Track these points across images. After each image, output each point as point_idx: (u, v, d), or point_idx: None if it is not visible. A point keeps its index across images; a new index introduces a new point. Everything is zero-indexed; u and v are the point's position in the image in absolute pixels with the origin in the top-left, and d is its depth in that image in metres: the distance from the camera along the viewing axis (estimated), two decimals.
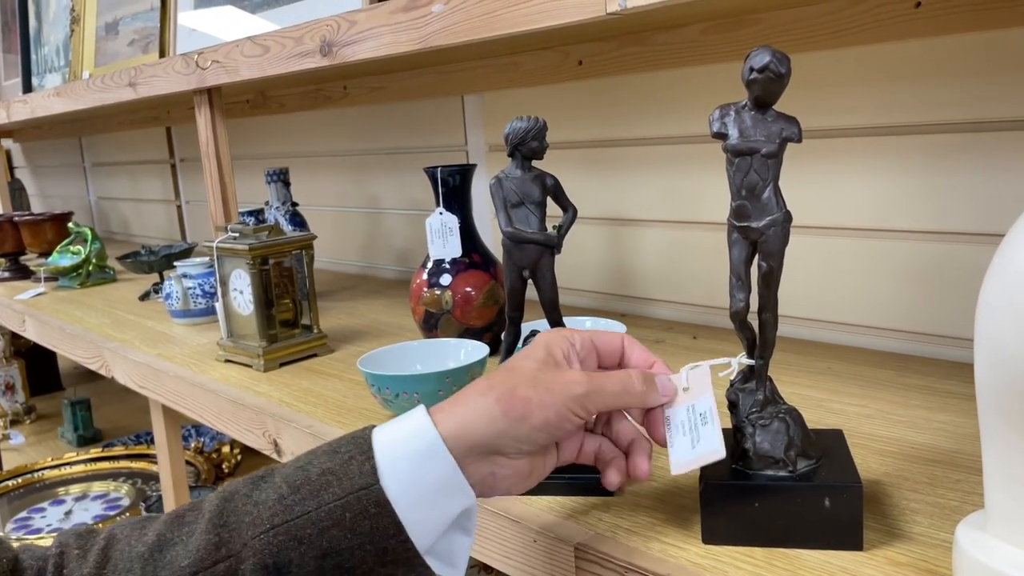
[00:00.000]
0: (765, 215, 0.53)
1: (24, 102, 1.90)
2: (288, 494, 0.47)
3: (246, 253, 1.01)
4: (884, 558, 0.50)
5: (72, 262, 1.77)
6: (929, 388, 0.79)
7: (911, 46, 0.85)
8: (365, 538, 0.46)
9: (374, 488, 0.46)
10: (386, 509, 0.46)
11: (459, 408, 0.50)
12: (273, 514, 0.46)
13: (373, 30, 0.86)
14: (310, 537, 0.46)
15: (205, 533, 0.47)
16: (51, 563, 0.48)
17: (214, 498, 0.49)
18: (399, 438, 0.49)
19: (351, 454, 0.48)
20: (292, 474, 0.48)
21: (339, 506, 0.46)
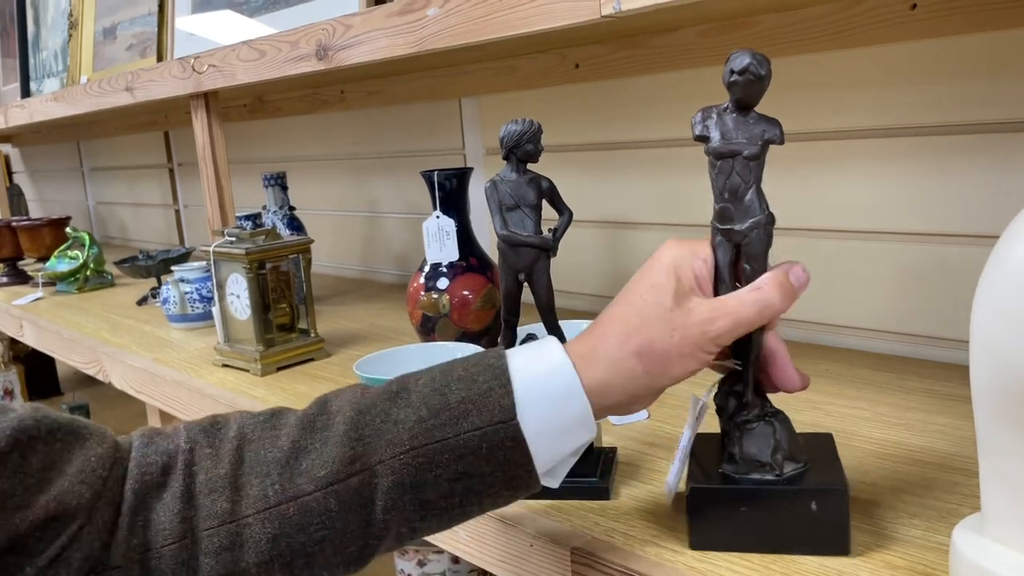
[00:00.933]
0: (748, 217, 0.53)
1: (22, 107, 1.90)
2: (427, 417, 0.48)
3: (243, 257, 1.01)
4: (881, 561, 0.50)
5: (70, 267, 1.77)
6: (928, 391, 0.78)
7: (907, 48, 0.85)
8: (497, 467, 0.48)
9: (512, 424, 0.48)
10: (521, 444, 0.48)
11: (599, 360, 0.50)
12: (413, 436, 0.48)
13: (369, 34, 0.86)
14: (446, 461, 0.47)
15: (340, 445, 0.48)
16: (180, 459, 0.49)
17: (347, 408, 0.50)
18: (538, 375, 0.49)
19: (489, 385, 0.49)
20: (430, 397, 0.49)
21: (477, 435, 0.48)
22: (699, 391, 0.57)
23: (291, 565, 0.48)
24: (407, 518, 0.48)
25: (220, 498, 0.47)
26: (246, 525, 0.47)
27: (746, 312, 0.51)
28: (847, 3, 0.83)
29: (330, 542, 0.48)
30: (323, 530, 0.47)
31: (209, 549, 0.47)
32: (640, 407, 0.53)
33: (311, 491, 0.47)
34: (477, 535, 0.64)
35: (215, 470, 0.48)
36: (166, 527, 0.47)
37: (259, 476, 0.48)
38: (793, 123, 0.95)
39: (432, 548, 1.24)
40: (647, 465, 0.67)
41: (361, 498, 0.47)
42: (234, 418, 0.52)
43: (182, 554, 0.47)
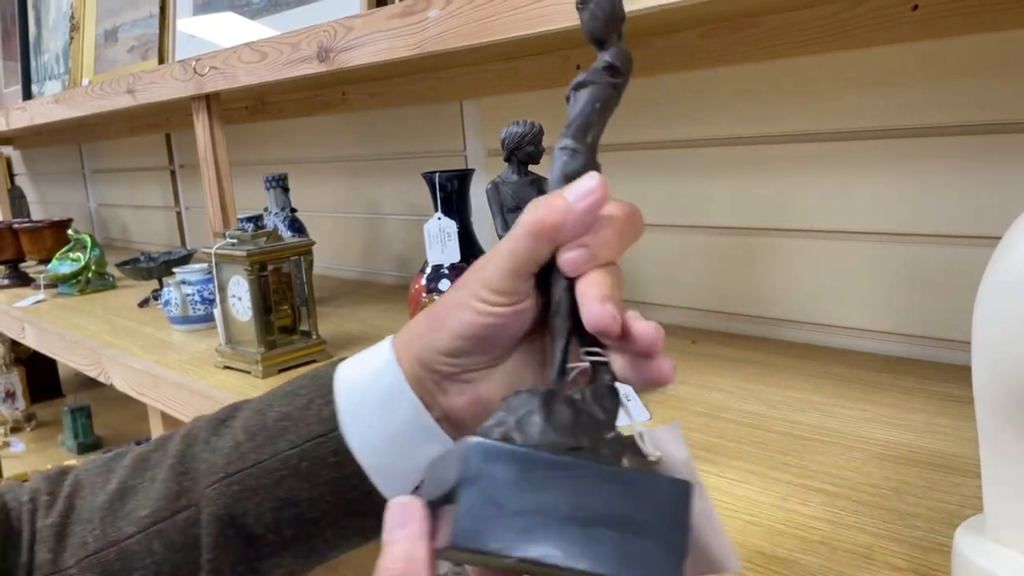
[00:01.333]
0: None
1: (23, 109, 1.90)
2: (244, 441, 0.44)
3: (244, 259, 1.01)
4: (883, 562, 0.50)
5: (71, 269, 1.77)
6: (930, 392, 0.78)
7: (908, 49, 0.85)
8: (326, 488, 0.42)
9: (333, 435, 0.42)
10: (347, 458, 0.42)
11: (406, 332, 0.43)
12: (228, 462, 0.43)
13: (370, 36, 0.86)
14: (265, 487, 0.43)
15: (166, 481, 0.44)
16: (25, 509, 0.47)
17: (178, 439, 0.46)
18: (364, 377, 0.43)
19: (310, 397, 0.43)
20: (250, 419, 0.45)
21: (295, 454, 0.42)
22: None
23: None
24: (240, 556, 0.44)
25: (43, 549, 0.45)
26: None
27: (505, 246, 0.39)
28: (848, 4, 0.83)
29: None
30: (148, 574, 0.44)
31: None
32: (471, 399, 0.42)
33: (132, 533, 0.44)
34: None
35: (45, 519, 0.46)
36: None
37: (82, 522, 0.45)
38: (795, 124, 0.95)
39: None
40: None
41: (187, 537, 0.43)
42: (80, 465, 0.50)
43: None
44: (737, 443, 0.70)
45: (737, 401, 0.80)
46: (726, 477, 0.64)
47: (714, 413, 0.77)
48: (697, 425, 0.74)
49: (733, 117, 1.01)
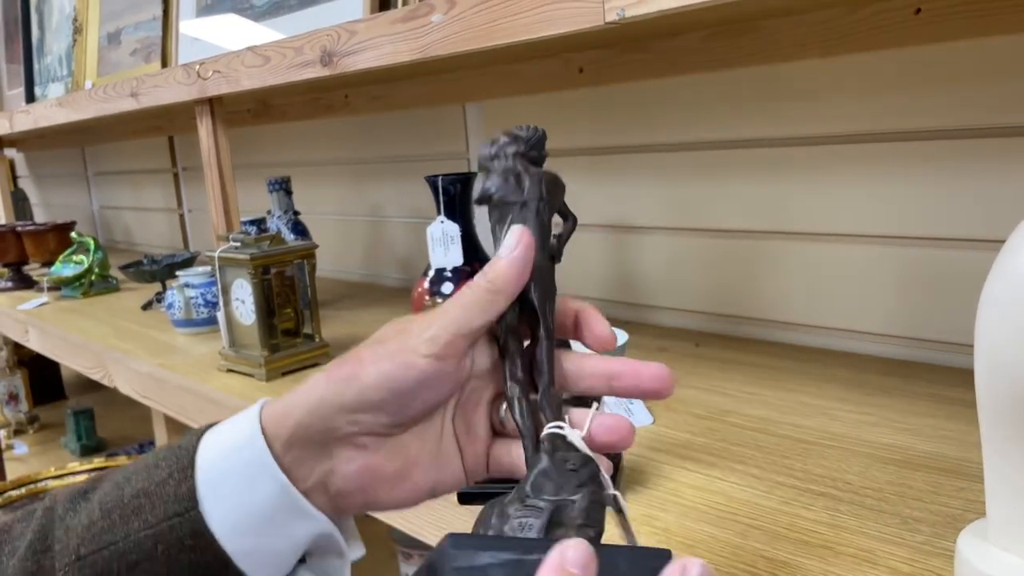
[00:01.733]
0: None
1: (26, 112, 1.91)
2: (98, 519, 0.40)
3: (247, 263, 1.01)
4: (886, 567, 0.50)
5: (75, 272, 1.77)
6: (936, 396, 0.78)
7: (911, 52, 0.85)
8: (184, 574, 0.38)
9: (190, 515, 0.38)
10: (205, 540, 0.38)
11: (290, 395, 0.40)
12: (80, 543, 0.39)
13: (373, 40, 0.86)
14: (116, 571, 0.39)
15: (23, 559, 0.41)
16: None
17: (40, 511, 0.42)
18: (225, 449, 0.40)
19: (170, 471, 0.40)
20: (108, 493, 0.41)
21: (150, 536, 0.38)
22: None
23: None
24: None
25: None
26: None
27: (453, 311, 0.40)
28: (850, 7, 0.83)
29: None
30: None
31: None
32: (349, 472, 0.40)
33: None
34: None
35: None
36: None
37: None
38: (798, 128, 0.96)
39: None
40: (652, 471, 0.67)
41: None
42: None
43: None
44: (740, 446, 0.70)
45: (741, 404, 0.80)
46: (729, 480, 0.64)
47: (717, 416, 0.77)
48: (700, 428, 0.74)
49: (736, 120, 1.01)
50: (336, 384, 0.39)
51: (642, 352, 0.98)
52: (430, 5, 0.79)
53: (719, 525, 0.57)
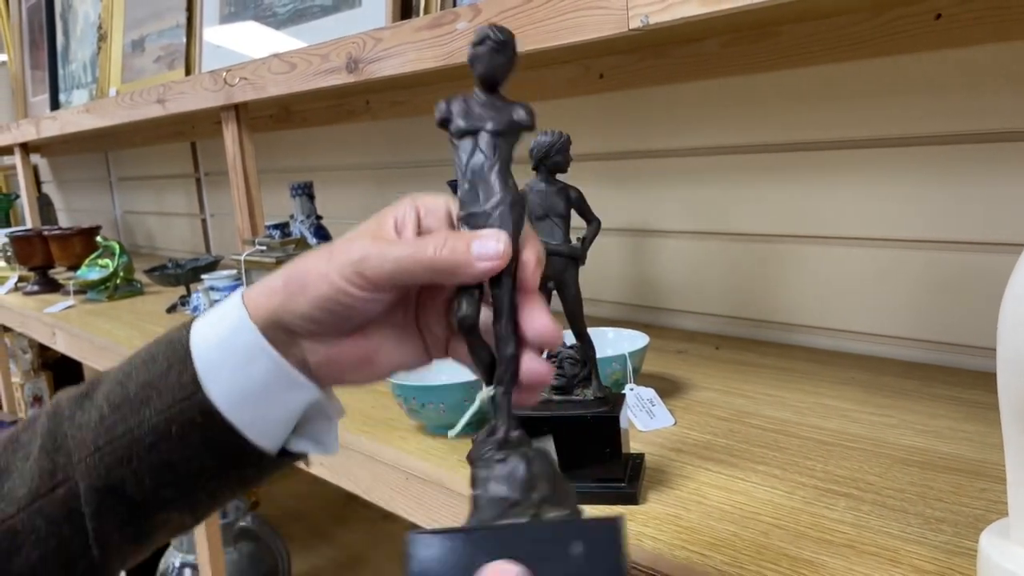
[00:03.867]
0: (491, 197, 0.44)
1: (53, 119, 1.94)
2: (108, 414, 0.45)
3: (273, 266, 1.03)
4: (909, 566, 0.51)
5: (100, 275, 1.80)
6: (956, 398, 0.79)
7: (931, 57, 0.85)
8: (199, 448, 0.44)
9: (196, 397, 0.43)
10: (213, 417, 0.43)
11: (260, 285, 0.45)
12: (96, 436, 0.44)
13: (398, 47, 0.88)
14: (138, 455, 0.44)
15: (38, 460, 0.45)
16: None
17: (44, 416, 0.47)
18: (220, 337, 0.44)
19: (170, 363, 0.44)
20: (112, 391, 0.45)
21: (162, 420, 0.44)
22: None
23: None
24: (125, 520, 0.45)
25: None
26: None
27: (397, 249, 0.42)
28: (871, 13, 0.84)
29: (52, 561, 0.45)
30: (38, 550, 0.44)
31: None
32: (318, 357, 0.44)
33: (13, 513, 0.44)
34: None
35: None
36: None
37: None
38: (818, 132, 0.96)
39: None
40: (675, 471, 0.68)
41: (68, 510, 0.44)
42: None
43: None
44: (761, 448, 0.71)
45: (761, 406, 0.80)
46: (751, 481, 0.64)
47: (738, 418, 0.78)
48: (721, 430, 0.75)
49: (754, 125, 1.02)
50: (287, 296, 0.43)
51: (662, 355, 0.99)
52: (455, 13, 0.80)
53: (742, 524, 0.58)
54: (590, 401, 0.64)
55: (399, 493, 0.77)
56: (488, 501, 0.40)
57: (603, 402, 0.64)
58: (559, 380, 0.65)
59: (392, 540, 1.68)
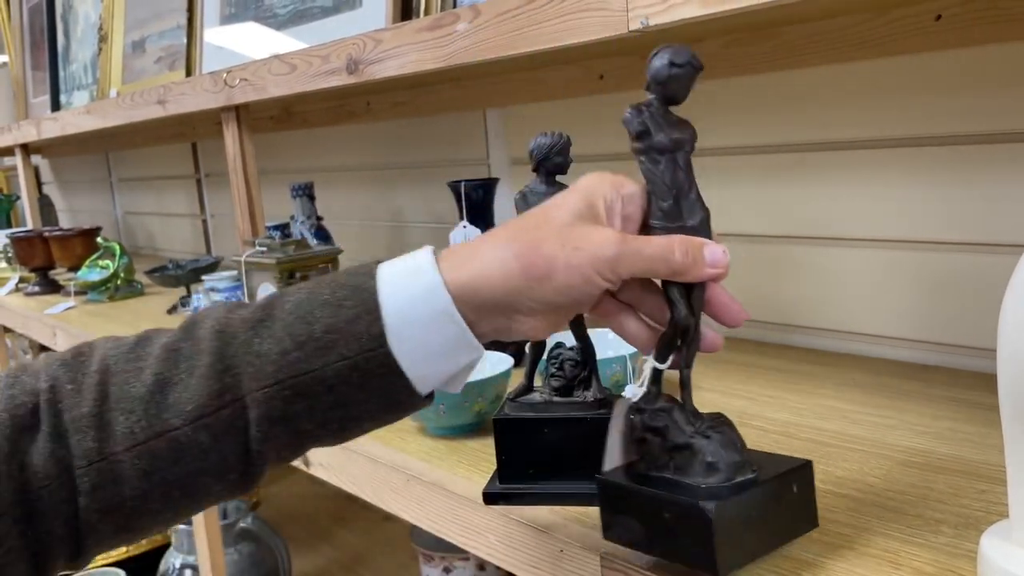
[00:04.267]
0: (696, 214, 0.52)
1: (54, 119, 1.94)
2: (292, 349, 0.46)
3: (274, 267, 1.03)
4: (910, 568, 0.51)
5: (101, 276, 1.80)
6: (956, 399, 0.79)
7: (932, 58, 0.85)
8: (373, 393, 0.47)
9: (382, 351, 0.46)
10: (394, 369, 0.46)
11: (474, 262, 0.47)
12: (278, 368, 0.46)
13: (399, 48, 0.88)
14: (317, 393, 0.46)
15: (207, 377, 0.47)
16: (43, 399, 0.47)
17: (210, 335, 0.48)
18: (407, 296, 0.47)
19: (357, 312, 0.46)
20: (294, 325, 0.47)
21: (347, 366, 0.46)
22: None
23: (169, 496, 0.48)
24: (285, 444, 0.48)
25: (86, 437, 0.46)
26: (117, 462, 0.46)
27: (648, 249, 0.48)
28: (872, 14, 0.84)
29: (208, 473, 0.47)
30: (198, 462, 0.47)
31: (84, 488, 0.46)
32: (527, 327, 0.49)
33: (179, 425, 0.46)
34: (507, 540, 0.65)
35: (79, 408, 0.47)
36: (40, 469, 0.46)
37: (124, 412, 0.47)
38: (818, 132, 0.96)
39: (458, 555, 1.25)
40: None
41: (234, 429, 0.47)
42: (98, 347, 0.50)
43: (60, 492, 0.46)
44: (763, 449, 0.70)
45: (762, 408, 0.80)
46: None
47: (738, 419, 0.77)
48: None
49: (755, 126, 1.02)
50: (529, 283, 0.46)
51: None
52: (455, 14, 0.80)
53: None
54: (590, 402, 0.64)
55: (399, 494, 0.77)
56: (727, 464, 0.50)
57: (603, 403, 0.64)
58: (559, 381, 0.65)
59: (392, 540, 1.67)
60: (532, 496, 0.64)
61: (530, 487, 0.64)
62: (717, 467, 0.50)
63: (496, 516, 0.65)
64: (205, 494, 0.49)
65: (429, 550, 1.28)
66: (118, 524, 0.48)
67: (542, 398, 0.65)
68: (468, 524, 0.68)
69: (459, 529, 0.69)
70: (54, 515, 0.46)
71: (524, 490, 0.65)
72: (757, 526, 0.50)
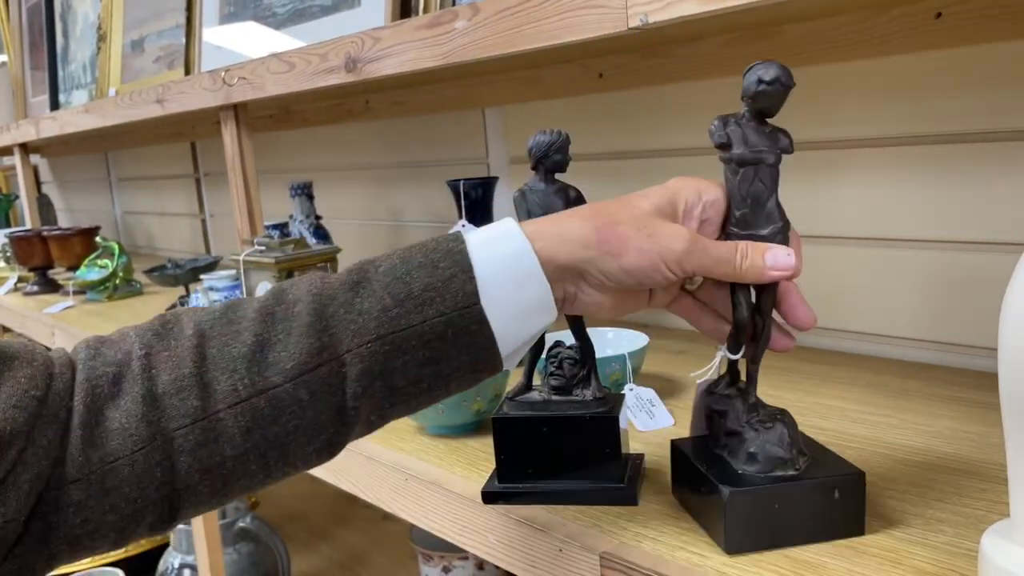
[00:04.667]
0: (770, 223, 0.55)
1: (53, 119, 1.93)
2: (391, 306, 0.49)
3: (272, 266, 1.03)
4: (911, 567, 0.51)
5: (100, 276, 1.80)
6: (957, 398, 0.78)
7: (932, 56, 0.85)
8: (463, 350, 0.49)
9: (476, 308, 0.49)
10: (485, 327, 0.49)
11: (556, 229, 0.51)
12: (379, 324, 0.48)
13: (397, 46, 0.88)
14: (413, 348, 0.49)
15: (306, 337, 0.48)
16: (136, 364, 0.48)
17: (307, 297, 0.50)
18: (498, 257, 0.50)
19: (452, 272, 0.49)
20: (392, 285, 0.49)
21: (442, 322, 0.49)
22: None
23: (266, 456, 0.49)
24: (377, 404, 0.50)
25: (189, 396, 0.47)
26: (218, 420, 0.48)
27: (715, 250, 0.52)
28: (871, 12, 0.84)
29: (303, 431, 0.49)
30: (295, 420, 0.48)
31: (184, 447, 0.47)
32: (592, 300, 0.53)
33: (280, 383, 0.48)
34: (506, 539, 0.64)
35: (179, 370, 0.48)
36: (133, 433, 0.47)
37: (226, 372, 0.48)
38: (818, 131, 0.96)
39: (457, 554, 1.25)
40: None
41: (331, 387, 0.48)
42: (187, 316, 0.52)
43: (154, 455, 0.47)
44: None
45: None
46: None
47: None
48: None
49: None
50: (601, 254, 0.50)
51: (662, 355, 0.99)
52: (454, 12, 0.80)
53: None
54: (589, 401, 0.64)
55: (398, 493, 0.76)
56: (766, 457, 0.54)
57: (602, 402, 0.64)
58: (558, 380, 0.64)
59: (392, 540, 1.67)
60: (531, 495, 0.64)
61: (529, 486, 0.64)
62: (756, 458, 0.55)
63: (495, 515, 0.65)
64: (297, 456, 0.50)
65: (428, 549, 1.28)
66: (215, 486, 0.49)
67: (541, 397, 0.65)
68: (467, 523, 0.68)
69: (458, 528, 0.69)
70: (144, 479, 0.47)
71: (523, 489, 0.64)
72: (783, 520, 0.53)
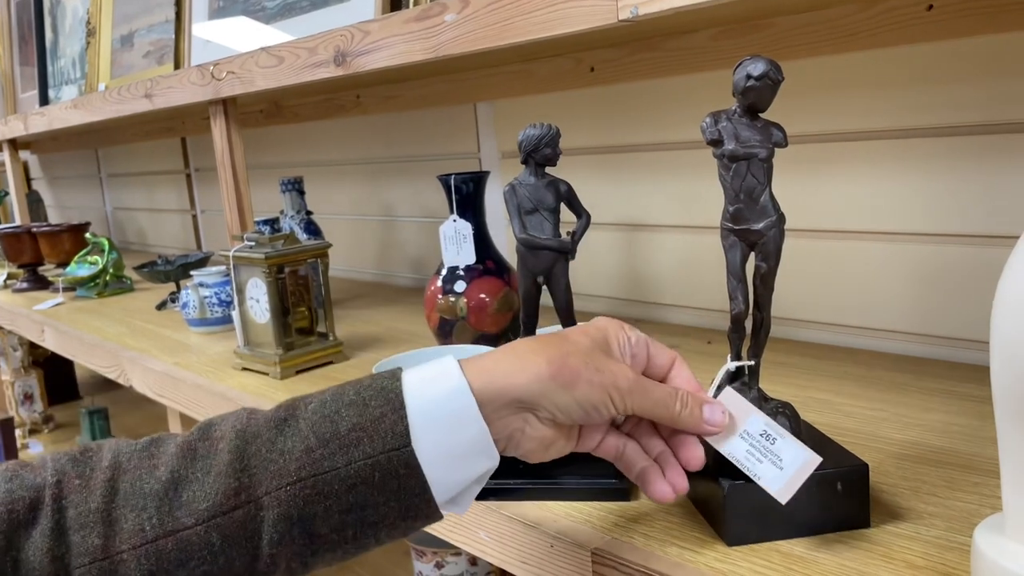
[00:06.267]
0: (764, 217, 0.55)
1: (41, 114, 1.92)
2: (316, 447, 0.46)
3: (262, 262, 1.02)
4: (902, 561, 0.50)
5: (90, 272, 1.79)
6: (948, 392, 0.78)
7: (923, 49, 0.85)
8: (391, 496, 0.46)
9: (405, 450, 0.46)
10: (415, 471, 0.46)
11: (500, 366, 0.49)
12: (300, 466, 0.46)
13: (386, 40, 0.87)
14: (337, 492, 0.46)
15: (224, 476, 0.46)
16: (48, 493, 0.46)
17: (231, 434, 0.48)
18: (432, 397, 0.48)
19: (382, 411, 0.47)
20: (319, 424, 0.47)
21: (368, 465, 0.46)
22: None
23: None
24: (297, 552, 0.46)
25: (91, 534, 0.45)
26: (120, 562, 0.45)
27: (657, 393, 0.51)
28: (862, 5, 0.83)
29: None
30: (204, 566, 0.45)
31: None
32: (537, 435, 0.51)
33: (191, 525, 0.45)
34: (497, 535, 0.64)
35: (86, 504, 0.46)
36: (36, 567, 0.44)
37: (135, 509, 0.45)
38: (809, 125, 0.96)
39: (450, 550, 1.24)
40: None
41: (246, 531, 0.45)
42: (108, 446, 0.50)
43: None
44: None
45: None
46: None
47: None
48: None
49: None
50: (556, 386, 0.49)
51: None
52: (443, 4, 0.79)
53: None
54: None
55: None
56: None
57: None
58: None
59: None
60: (522, 491, 0.64)
61: (520, 483, 0.64)
62: None
63: (487, 512, 0.65)
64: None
65: (421, 546, 1.27)
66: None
67: None
68: (459, 520, 0.68)
69: (450, 525, 0.69)
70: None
71: (514, 485, 0.64)
72: (784, 512, 0.53)
